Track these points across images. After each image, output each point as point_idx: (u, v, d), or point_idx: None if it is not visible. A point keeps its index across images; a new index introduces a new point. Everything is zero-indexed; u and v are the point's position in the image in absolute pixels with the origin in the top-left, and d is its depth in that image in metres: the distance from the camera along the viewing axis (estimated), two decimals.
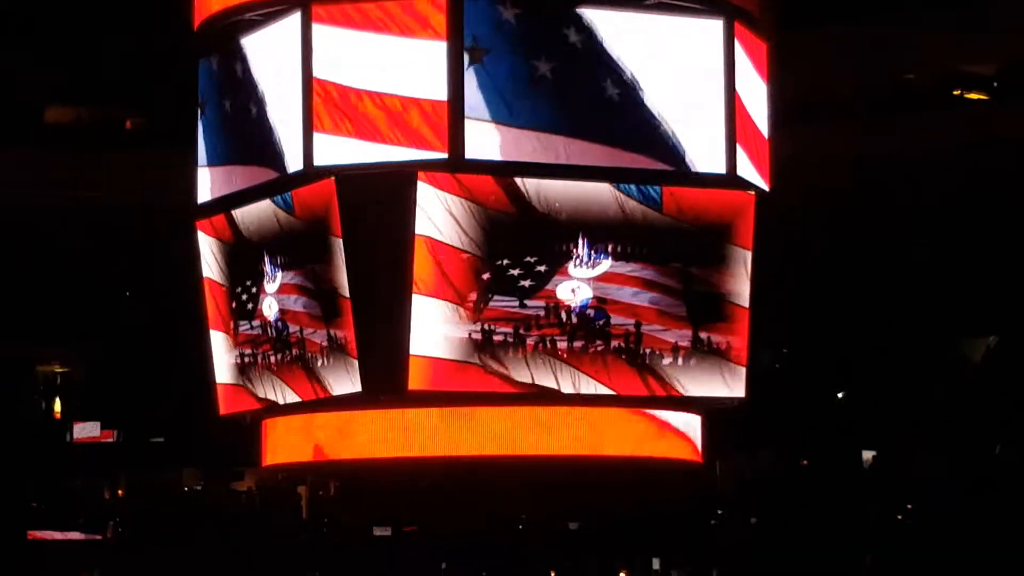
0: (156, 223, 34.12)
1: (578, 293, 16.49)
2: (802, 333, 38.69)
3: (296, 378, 17.09)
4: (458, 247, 16.05)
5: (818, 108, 37.89)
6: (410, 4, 16.07)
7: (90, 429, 39.64)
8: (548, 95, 16.16)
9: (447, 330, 16.08)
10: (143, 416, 39.77)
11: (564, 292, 16.45)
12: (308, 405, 17.19)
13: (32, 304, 39.10)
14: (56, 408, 41.24)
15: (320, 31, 16.25)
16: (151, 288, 38.92)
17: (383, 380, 16.24)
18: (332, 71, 16.19)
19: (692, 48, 16.70)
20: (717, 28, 16.84)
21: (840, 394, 39.45)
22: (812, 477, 37.86)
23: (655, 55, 16.50)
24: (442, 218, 15.94)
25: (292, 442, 17.88)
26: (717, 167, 16.78)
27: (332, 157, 16.14)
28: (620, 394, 16.66)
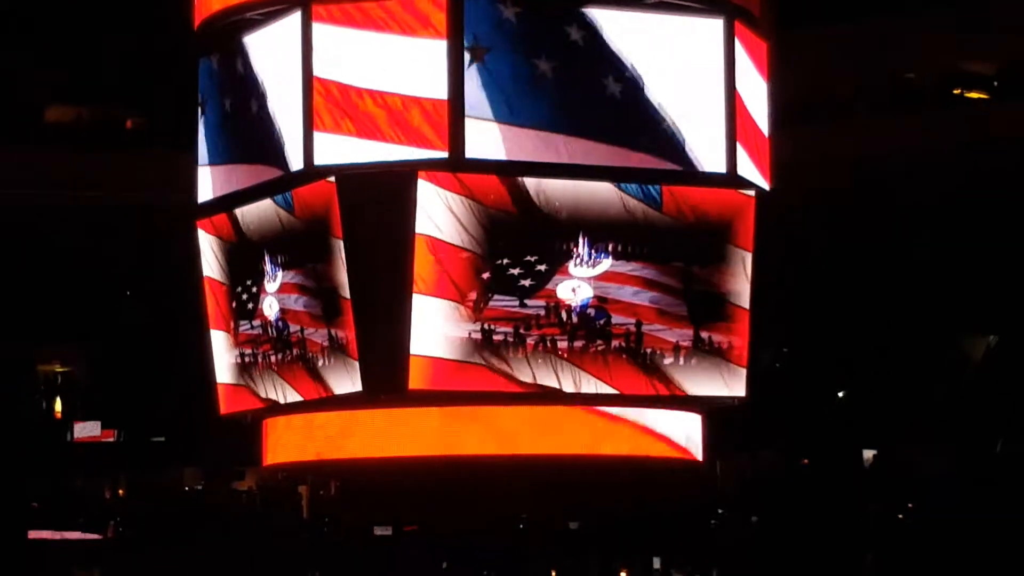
0: (156, 223, 34.11)
1: (578, 292, 16.45)
2: (802, 332, 38.67)
3: (298, 377, 17.07)
4: (458, 245, 16.03)
5: (818, 108, 37.89)
6: (411, 3, 16.06)
7: (91, 429, 39.60)
8: (549, 94, 16.14)
9: (448, 329, 16.05)
10: (144, 415, 39.74)
11: (564, 291, 16.42)
12: (309, 404, 17.17)
13: (32, 304, 39.06)
14: (57, 408, 41.18)
15: (320, 30, 16.24)
16: (151, 288, 38.89)
17: (383, 380, 16.22)
18: (333, 70, 16.17)
19: (692, 47, 16.68)
20: (717, 27, 16.84)
21: (841, 393, 39.44)
22: (813, 476, 37.85)
23: (656, 54, 16.48)
24: (442, 216, 15.92)
25: (293, 441, 17.85)
26: (717, 166, 16.77)
27: (332, 156, 16.11)
28: (623, 393, 16.64)
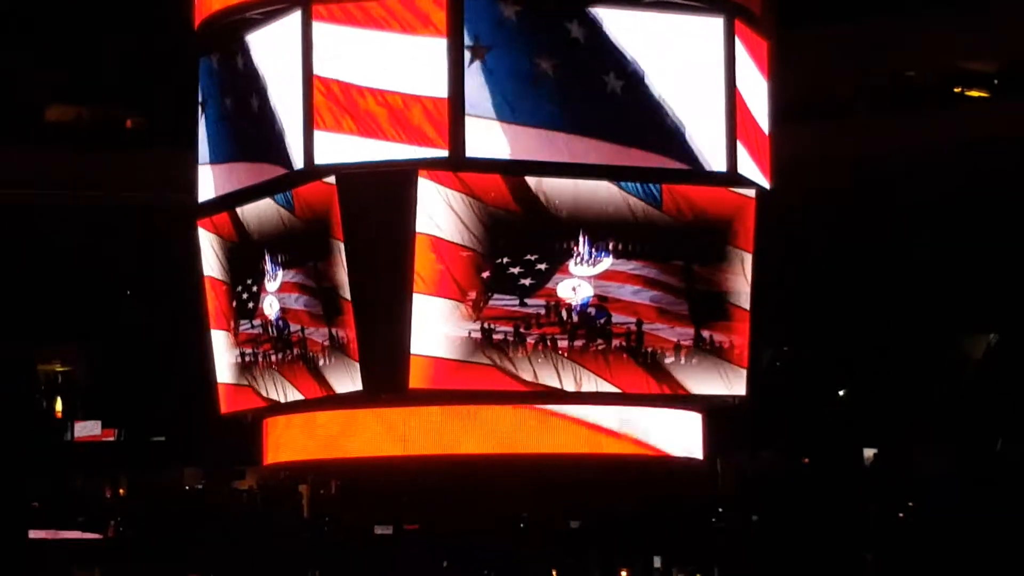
0: (156, 223, 34.12)
1: (579, 291, 16.44)
2: (803, 332, 38.66)
3: (299, 376, 17.06)
4: (459, 243, 16.02)
5: (818, 108, 37.88)
6: (411, 1, 16.06)
7: (91, 428, 39.57)
8: (550, 92, 16.14)
9: (448, 329, 16.04)
10: (144, 415, 39.71)
11: (565, 290, 16.41)
12: (310, 404, 17.17)
13: (32, 304, 39.05)
14: (57, 407, 41.16)
15: (321, 29, 16.23)
16: (151, 288, 38.89)
17: (384, 379, 16.22)
18: (333, 68, 16.16)
19: (693, 45, 16.69)
20: (718, 26, 16.84)
21: (841, 392, 39.42)
22: (813, 475, 37.83)
23: (656, 52, 16.48)
24: (443, 214, 15.91)
25: (293, 441, 17.85)
26: (718, 164, 16.77)
27: (333, 155, 16.11)
28: (625, 392, 16.64)
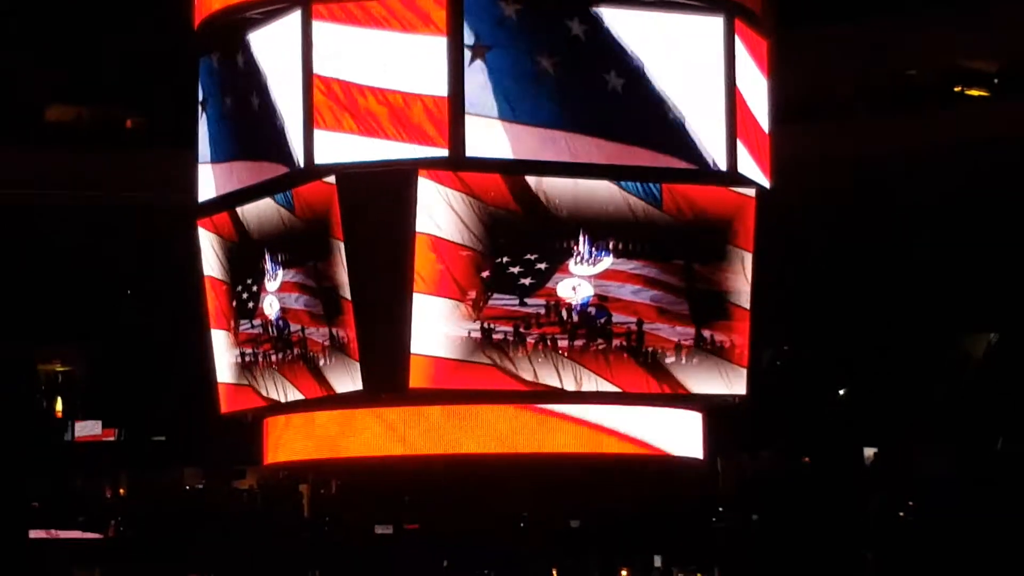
0: (156, 223, 34.12)
1: (579, 291, 16.42)
2: (803, 332, 38.66)
3: (300, 376, 17.05)
4: (459, 243, 16.01)
5: (818, 108, 37.88)
6: (411, 0, 16.05)
7: (91, 428, 39.58)
8: (551, 91, 16.12)
9: (448, 328, 16.02)
10: (144, 415, 39.72)
11: (565, 290, 16.40)
12: (310, 403, 17.16)
13: (32, 304, 39.06)
14: (57, 407, 41.18)
15: (321, 28, 16.22)
16: (151, 288, 38.89)
17: (384, 379, 16.21)
18: (334, 67, 16.15)
19: (693, 44, 16.67)
20: (718, 25, 16.83)
21: (841, 391, 39.42)
22: (813, 475, 37.83)
23: (657, 51, 16.46)
24: (443, 214, 15.90)
25: (293, 440, 17.84)
26: (718, 163, 16.74)
27: (333, 154, 16.09)
28: (625, 391, 16.63)
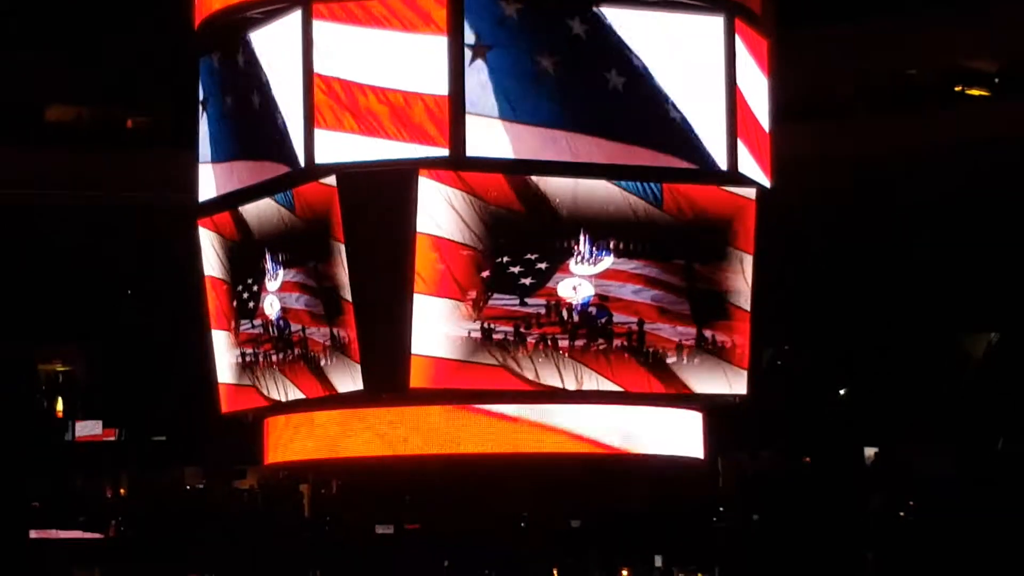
0: (156, 223, 34.11)
1: (579, 291, 16.42)
2: (803, 331, 38.65)
3: (301, 376, 17.05)
4: (459, 242, 16.01)
5: (818, 108, 37.87)
6: (412, 0, 16.08)
7: (92, 428, 39.55)
8: (551, 90, 16.13)
9: (448, 329, 16.03)
10: (145, 415, 39.70)
11: (565, 290, 16.40)
12: (311, 403, 17.16)
13: (33, 304, 39.05)
14: (58, 407, 41.16)
15: (321, 28, 16.23)
16: (151, 288, 38.89)
17: (385, 379, 16.22)
18: (335, 67, 16.16)
19: (693, 44, 16.68)
20: (718, 24, 16.84)
21: (841, 391, 39.42)
22: (814, 475, 37.82)
23: (657, 50, 16.47)
24: (443, 213, 15.90)
25: (293, 440, 17.84)
26: (719, 162, 16.74)
27: (334, 154, 16.11)
28: (628, 391, 16.62)
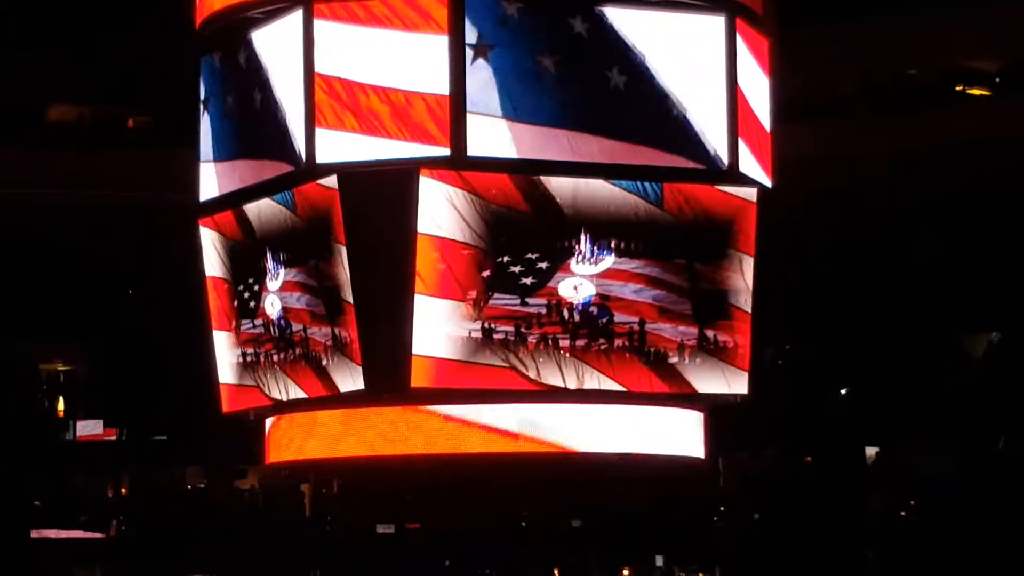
0: (156, 223, 34.11)
1: (580, 290, 16.42)
2: (804, 331, 38.64)
3: (303, 375, 17.06)
4: (460, 241, 16.01)
5: (819, 107, 37.87)
6: None
7: (93, 427, 39.55)
8: (553, 89, 16.14)
9: (449, 329, 16.03)
10: (146, 414, 39.69)
11: (566, 289, 16.40)
12: (312, 402, 17.16)
13: (33, 303, 39.05)
14: (59, 406, 41.16)
15: (322, 27, 16.23)
16: (151, 288, 38.88)
17: (386, 378, 16.21)
18: (336, 66, 16.17)
19: (695, 43, 16.69)
20: (719, 24, 16.84)
21: (843, 391, 39.41)
22: (815, 474, 37.81)
23: (658, 49, 16.48)
24: (444, 212, 15.90)
25: (295, 440, 17.84)
26: (720, 161, 16.74)
27: (335, 154, 16.11)
28: (630, 390, 16.61)
